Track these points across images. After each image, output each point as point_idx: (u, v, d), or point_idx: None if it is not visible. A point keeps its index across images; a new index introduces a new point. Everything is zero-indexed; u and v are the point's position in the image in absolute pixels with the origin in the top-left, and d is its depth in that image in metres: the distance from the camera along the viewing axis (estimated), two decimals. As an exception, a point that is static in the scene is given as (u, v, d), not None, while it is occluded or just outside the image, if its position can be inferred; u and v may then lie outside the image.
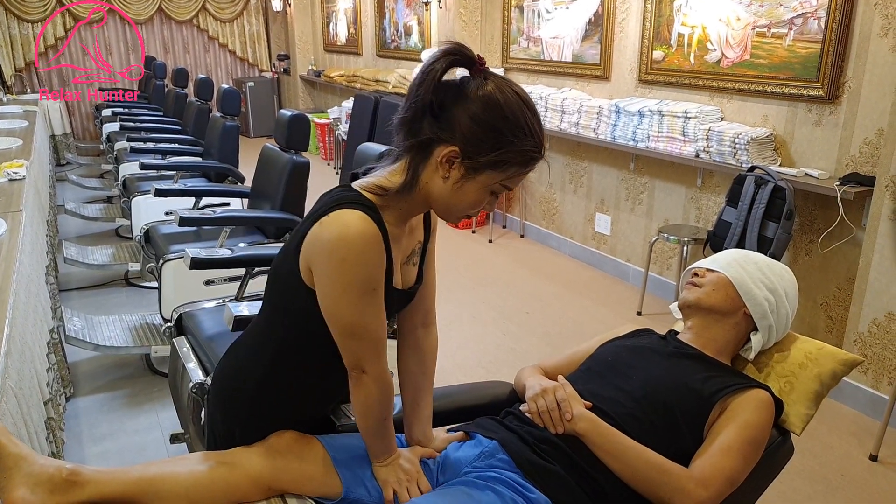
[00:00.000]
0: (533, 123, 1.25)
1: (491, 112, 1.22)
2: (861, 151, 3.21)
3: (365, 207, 1.27)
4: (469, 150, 1.23)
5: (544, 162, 1.32)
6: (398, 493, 1.40)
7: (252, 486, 1.35)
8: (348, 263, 1.24)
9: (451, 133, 1.23)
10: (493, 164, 1.24)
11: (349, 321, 1.30)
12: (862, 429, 2.99)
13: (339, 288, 1.27)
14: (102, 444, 2.82)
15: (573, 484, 1.41)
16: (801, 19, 3.37)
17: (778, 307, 1.68)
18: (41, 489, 1.21)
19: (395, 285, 1.39)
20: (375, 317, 1.31)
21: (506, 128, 1.22)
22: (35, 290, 2.56)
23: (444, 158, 1.25)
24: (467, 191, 1.27)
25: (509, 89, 1.24)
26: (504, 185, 1.29)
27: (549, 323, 4.07)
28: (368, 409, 1.38)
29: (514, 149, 1.24)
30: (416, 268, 1.48)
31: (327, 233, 1.25)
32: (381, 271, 1.29)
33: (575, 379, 1.65)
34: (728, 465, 1.42)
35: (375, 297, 1.29)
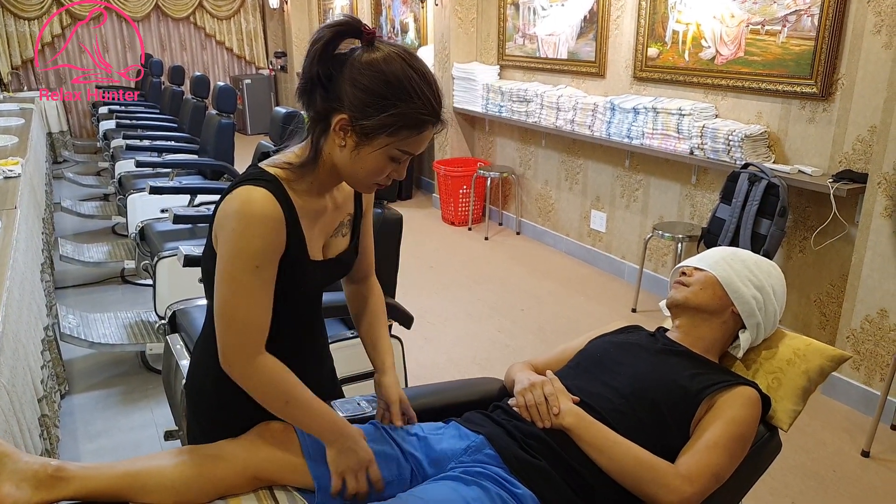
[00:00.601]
0: (420, 86, 1.25)
1: (372, 77, 1.23)
2: (854, 148, 3.22)
3: (266, 182, 1.29)
4: (356, 115, 1.24)
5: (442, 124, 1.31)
6: (347, 482, 1.38)
7: (238, 478, 1.35)
8: (237, 233, 1.26)
9: (339, 102, 1.25)
10: (382, 128, 1.25)
11: (222, 296, 1.29)
12: (854, 425, 3.00)
13: (223, 260, 1.28)
14: (97, 441, 2.83)
15: (559, 479, 1.42)
16: (794, 16, 3.37)
17: (766, 305, 1.69)
18: (26, 485, 1.22)
19: (312, 257, 1.40)
20: (250, 297, 1.29)
21: (389, 91, 1.23)
22: (29, 288, 2.57)
23: (337, 126, 1.27)
24: (365, 157, 1.28)
25: (395, 55, 1.25)
26: (402, 151, 1.29)
27: (543, 320, 4.08)
28: (263, 400, 1.35)
29: (399, 111, 1.24)
30: (346, 238, 1.51)
31: (227, 207, 1.28)
32: (270, 250, 1.29)
33: (563, 374, 1.66)
34: (714, 461, 1.42)
35: (256, 275, 1.28)
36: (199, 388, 1.52)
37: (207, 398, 1.50)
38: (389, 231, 2.41)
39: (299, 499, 1.37)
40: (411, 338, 3.67)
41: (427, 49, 6.51)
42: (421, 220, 6.21)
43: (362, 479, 1.39)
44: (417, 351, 3.64)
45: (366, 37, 1.27)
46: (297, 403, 1.36)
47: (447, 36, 5.96)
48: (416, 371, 3.37)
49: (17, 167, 3.40)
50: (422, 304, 4.27)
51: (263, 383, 1.34)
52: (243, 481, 1.36)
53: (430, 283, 4.66)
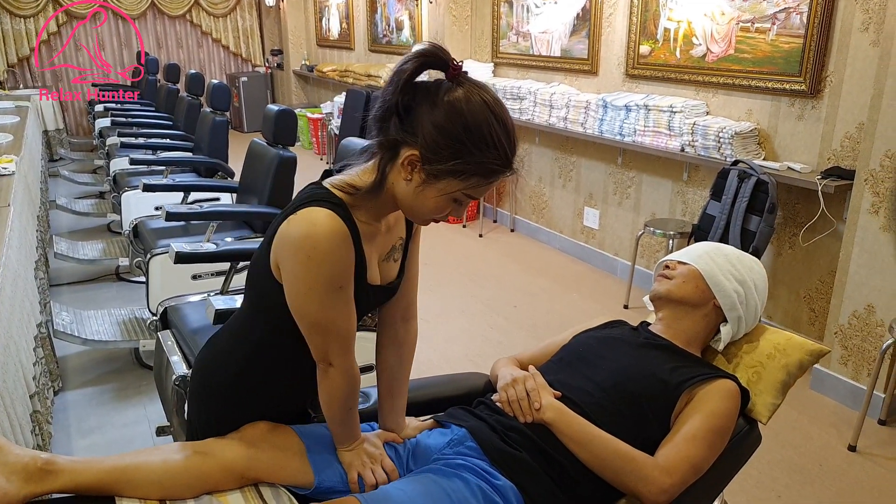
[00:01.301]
0: (499, 135, 1.23)
1: (453, 120, 1.20)
2: (842, 145, 3.24)
3: (333, 205, 1.28)
4: (429, 155, 1.22)
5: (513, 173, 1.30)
6: (363, 475, 1.42)
7: (225, 475, 1.37)
8: (314, 261, 1.25)
9: (413, 136, 1.23)
10: (453, 173, 1.23)
11: (315, 318, 1.32)
12: (842, 420, 3.03)
13: (305, 285, 1.28)
14: (90, 438, 2.85)
15: (539, 471, 1.45)
16: (783, 14, 3.39)
17: (747, 299, 1.71)
18: (16, 478, 1.24)
19: (370, 282, 1.40)
20: (342, 313, 1.33)
21: (467, 138, 1.21)
22: (23, 285, 2.59)
23: (406, 161, 1.25)
24: (428, 196, 1.27)
25: (479, 98, 1.22)
26: (466, 195, 1.28)
27: (536, 316, 4.10)
28: (334, 399, 1.40)
29: (474, 160, 1.22)
30: (397, 264, 1.50)
31: (294, 230, 1.26)
32: (348, 270, 1.30)
33: (546, 369, 1.69)
34: (692, 453, 1.45)
35: (342, 294, 1.31)
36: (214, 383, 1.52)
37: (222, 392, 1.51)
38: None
39: (285, 494, 1.39)
40: (404, 334, 3.69)
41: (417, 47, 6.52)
42: (416, 217, 6.21)
43: (378, 472, 1.45)
44: (410, 347, 3.66)
45: (451, 72, 1.24)
46: (355, 410, 1.45)
47: (441, 33, 5.98)
48: (408, 367, 3.39)
49: (12, 165, 3.41)
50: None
51: (351, 384, 1.40)
52: (230, 478, 1.38)
53: (424, 280, 4.65)
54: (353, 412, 1.45)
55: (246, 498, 1.37)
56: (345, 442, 1.46)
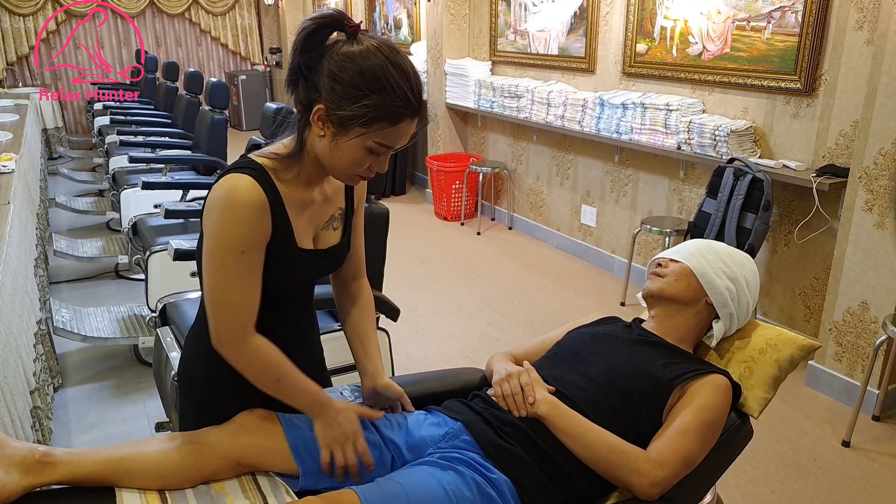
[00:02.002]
0: (395, 78, 1.26)
1: (346, 68, 1.25)
2: (837, 143, 3.26)
3: (252, 171, 1.33)
4: (332, 106, 1.27)
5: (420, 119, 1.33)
6: (335, 455, 1.42)
7: (221, 464, 1.39)
8: (221, 219, 1.30)
9: (317, 92, 1.29)
10: (356, 118, 1.27)
11: (210, 282, 1.33)
12: (836, 416, 3.05)
13: (208, 246, 1.32)
14: (90, 433, 2.87)
15: (533, 464, 1.47)
16: (779, 13, 3.41)
17: (739, 296, 1.73)
18: (14, 470, 1.25)
19: (301, 245, 1.43)
20: (238, 281, 1.33)
21: (362, 83, 1.25)
22: (22, 283, 2.61)
23: (316, 116, 1.30)
24: (343, 148, 1.31)
25: (375, 49, 1.27)
26: (379, 143, 1.31)
27: (533, 313, 4.12)
28: (254, 378, 1.40)
29: (373, 103, 1.26)
30: (337, 231, 1.55)
31: (213, 195, 1.32)
32: (253, 235, 1.32)
33: (541, 365, 1.71)
34: (684, 447, 1.46)
35: (242, 260, 1.32)
36: (191, 378, 1.56)
37: (199, 387, 1.54)
38: (376, 225, 2.45)
39: (281, 483, 1.41)
40: (402, 331, 3.72)
41: (420, 45, 6.54)
42: (414, 215, 6.24)
43: (349, 452, 1.43)
44: (407, 344, 3.69)
45: (349, 30, 1.29)
46: (287, 380, 1.42)
47: (440, 32, 5.99)
48: (405, 364, 3.41)
49: (11, 163, 3.43)
50: (413, 298, 4.31)
51: (255, 362, 1.39)
52: (226, 467, 1.40)
53: (422, 277, 4.70)
54: (285, 381, 1.42)
55: (244, 488, 1.39)
56: (309, 410, 1.45)
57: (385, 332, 2.58)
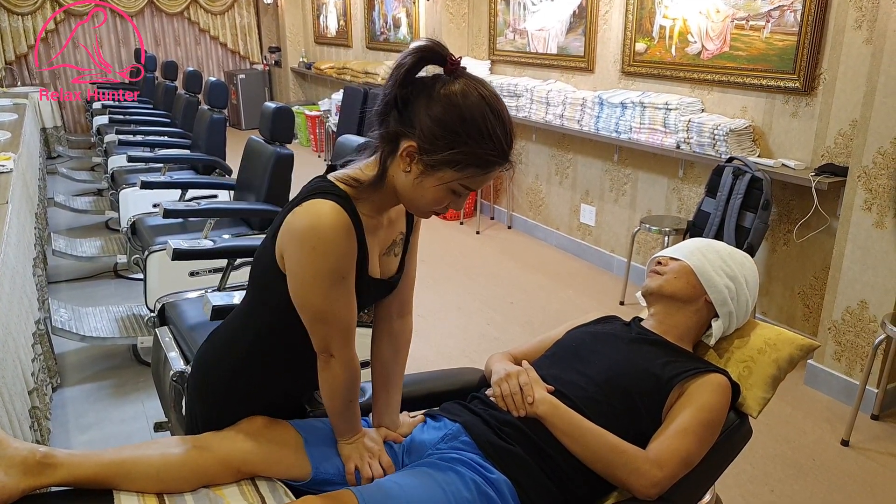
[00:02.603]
0: (494, 127, 1.26)
1: (448, 111, 1.24)
2: (836, 142, 3.26)
3: (337, 198, 1.31)
4: (426, 146, 1.26)
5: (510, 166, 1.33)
6: (360, 468, 1.45)
7: (222, 469, 1.39)
8: (318, 252, 1.28)
9: (412, 128, 1.26)
10: (449, 163, 1.26)
11: (317, 308, 1.34)
12: (835, 415, 3.05)
13: (309, 275, 1.31)
14: (89, 433, 2.87)
15: (532, 464, 1.47)
16: (777, 12, 3.41)
17: (738, 294, 1.73)
18: (15, 471, 1.25)
19: (371, 275, 1.43)
20: (344, 304, 1.35)
21: (462, 129, 1.24)
22: (21, 282, 2.60)
23: (405, 152, 1.28)
24: (426, 187, 1.30)
25: (475, 91, 1.25)
26: (464, 186, 1.30)
27: (532, 313, 4.12)
28: (335, 391, 1.43)
29: (469, 150, 1.25)
30: (397, 258, 1.53)
31: (299, 222, 1.30)
32: (350, 261, 1.33)
33: (540, 364, 1.71)
34: (683, 447, 1.46)
35: (344, 285, 1.33)
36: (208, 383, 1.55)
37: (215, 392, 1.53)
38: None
39: (279, 484, 1.41)
40: (401, 330, 3.71)
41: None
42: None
43: (375, 466, 1.47)
44: (407, 343, 3.68)
45: (449, 66, 1.27)
46: (356, 402, 1.48)
47: (439, 31, 5.99)
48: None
49: (9, 162, 3.42)
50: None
51: (351, 375, 1.43)
52: (227, 472, 1.40)
53: (421, 276, 4.65)
54: (354, 405, 1.47)
55: (243, 491, 1.39)
56: (345, 434, 1.49)
57: (384, 332, 2.58)
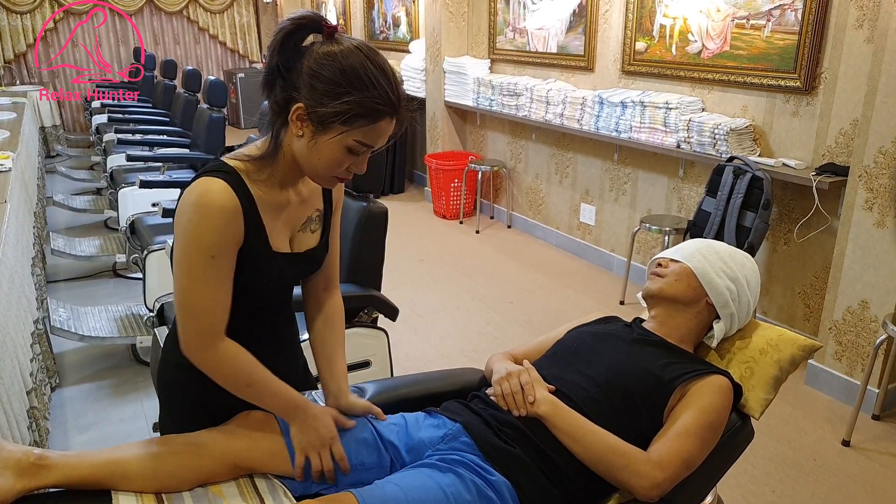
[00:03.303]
0: (375, 75, 1.27)
1: (327, 65, 1.26)
2: (837, 142, 3.25)
3: (223, 174, 1.31)
4: (311, 103, 1.27)
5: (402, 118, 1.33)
6: (311, 460, 1.41)
7: (217, 466, 1.37)
8: (191, 223, 1.28)
9: (297, 91, 1.28)
10: (337, 115, 1.26)
11: (180, 286, 1.32)
12: (836, 415, 3.04)
13: (179, 250, 1.30)
14: (87, 433, 2.86)
15: (533, 466, 1.46)
16: (778, 11, 3.40)
17: (739, 296, 1.72)
18: (9, 473, 1.24)
19: (276, 249, 1.41)
20: (206, 285, 1.32)
21: (343, 79, 1.25)
22: (19, 282, 2.59)
23: (294, 115, 1.29)
24: (322, 147, 1.30)
25: (354, 48, 1.27)
26: (359, 142, 1.30)
27: (532, 312, 4.11)
28: (224, 382, 1.39)
29: (353, 100, 1.25)
30: (315, 234, 1.52)
31: (183, 199, 1.30)
32: (223, 239, 1.31)
33: (541, 364, 1.70)
34: (685, 448, 1.45)
35: (211, 265, 1.30)
36: (170, 381, 1.54)
37: (180, 390, 1.52)
38: (375, 224, 2.43)
39: (279, 485, 1.40)
40: (400, 331, 3.70)
41: (418, 43, 6.52)
42: (413, 213, 6.23)
43: (326, 457, 1.42)
44: (406, 343, 3.68)
45: (326, 31, 1.29)
46: (259, 384, 1.40)
47: (438, 30, 5.98)
48: (404, 364, 3.40)
49: (8, 161, 3.41)
50: (412, 297, 4.30)
51: (225, 367, 1.37)
52: (223, 469, 1.39)
53: (420, 276, 4.69)
54: (256, 385, 1.40)
55: (241, 492, 1.38)
56: (285, 414, 1.44)
57: (384, 332, 2.57)
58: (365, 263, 2.45)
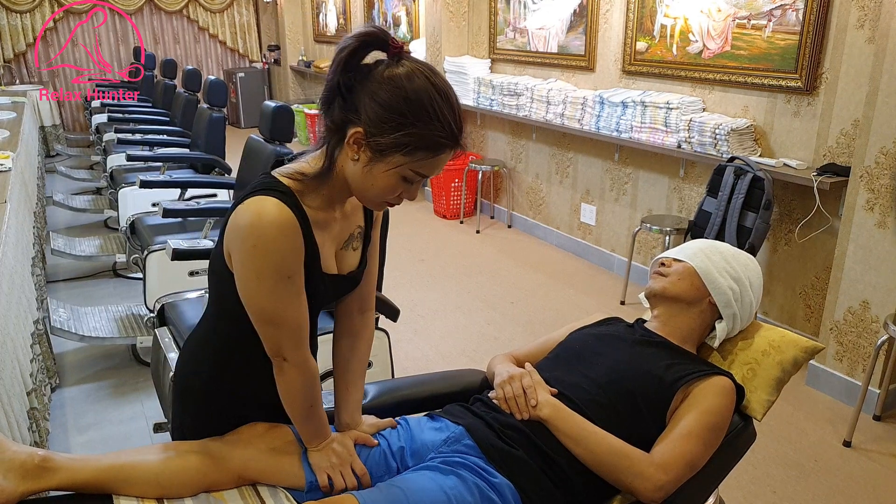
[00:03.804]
0: (441, 107, 1.23)
1: (392, 93, 1.21)
2: (838, 142, 3.25)
3: (279, 193, 1.28)
4: (372, 130, 1.23)
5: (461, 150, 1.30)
6: (333, 478, 1.41)
7: (222, 475, 1.37)
8: (259, 250, 1.25)
9: (356, 114, 1.24)
10: (398, 147, 1.23)
11: (264, 308, 1.31)
12: (837, 415, 3.04)
13: (253, 275, 1.28)
14: (87, 434, 2.86)
15: (536, 468, 1.45)
16: (779, 11, 3.40)
17: (742, 296, 1.72)
18: (13, 475, 1.24)
19: (325, 270, 1.40)
20: (292, 304, 1.32)
21: (408, 110, 1.21)
22: (19, 282, 2.59)
23: (352, 139, 1.25)
24: (377, 174, 1.27)
25: (420, 73, 1.23)
26: (415, 172, 1.27)
27: (532, 312, 4.11)
28: (293, 396, 1.39)
29: (417, 132, 1.22)
30: (357, 252, 1.49)
31: (241, 220, 1.27)
32: (295, 259, 1.30)
33: (543, 366, 1.70)
34: (688, 450, 1.45)
35: (291, 284, 1.30)
36: (188, 387, 1.52)
37: (196, 397, 1.51)
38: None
39: (282, 492, 1.40)
40: (400, 331, 3.70)
41: (419, 42, 6.52)
42: (413, 213, 6.23)
43: (349, 474, 1.42)
44: (406, 343, 3.67)
45: (392, 50, 1.24)
46: (317, 406, 1.43)
47: (438, 29, 5.97)
48: (404, 364, 3.40)
49: (8, 161, 3.41)
50: (412, 296, 4.30)
51: (307, 379, 1.39)
52: (227, 478, 1.39)
53: (420, 276, 4.69)
54: (316, 409, 1.42)
55: (244, 497, 1.38)
56: (313, 441, 1.44)
57: (385, 333, 2.57)
58: (366, 264, 2.44)
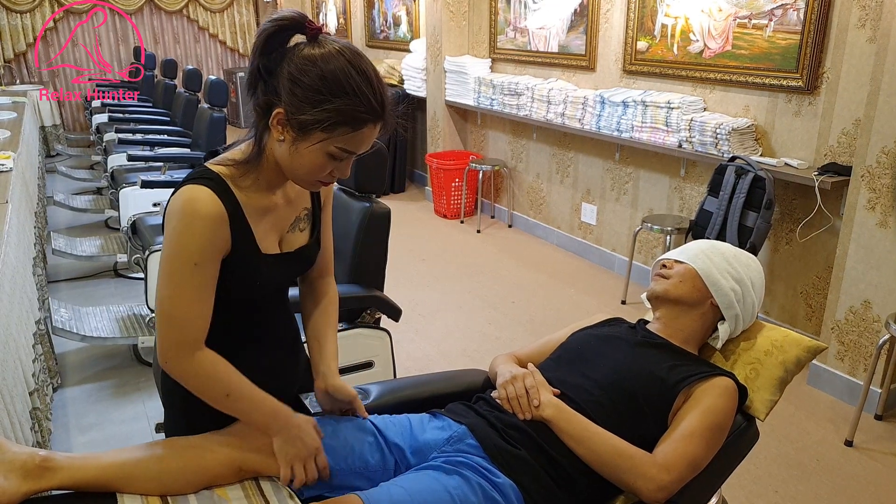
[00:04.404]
0: (359, 83, 1.24)
1: (307, 71, 1.23)
2: (839, 142, 3.25)
3: (207, 181, 1.29)
4: (292, 110, 1.25)
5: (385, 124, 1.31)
6: (295, 471, 1.39)
7: (223, 469, 1.37)
8: (175, 233, 1.27)
9: (277, 95, 1.26)
10: (317, 124, 1.24)
11: (161, 295, 1.30)
12: (838, 415, 3.04)
13: (165, 258, 1.29)
14: (89, 434, 2.86)
15: (539, 469, 1.45)
16: (780, 10, 3.40)
17: (744, 297, 1.72)
18: (14, 475, 1.24)
19: (264, 251, 1.40)
20: (188, 296, 1.30)
21: (323, 86, 1.23)
22: (21, 282, 2.59)
23: (275, 120, 1.27)
24: (302, 153, 1.28)
25: (336, 52, 1.24)
26: (340, 148, 1.28)
27: (533, 312, 4.11)
28: (201, 394, 1.37)
29: (334, 108, 1.23)
30: (304, 233, 1.52)
31: (168, 209, 1.30)
32: (210, 246, 1.29)
33: (545, 367, 1.70)
34: (690, 450, 1.45)
35: (195, 273, 1.29)
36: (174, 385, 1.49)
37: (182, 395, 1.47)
38: (377, 224, 2.43)
39: (285, 489, 1.40)
40: (402, 330, 3.70)
41: (419, 42, 6.52)
42: (414, 213, 6.23)
43: (311, 468, 1.40)
44: (408, 343, 3.67)
45: (310, 32, 1.27)
46: (238, 395, 1.37)
47: (439, 29, 5.97)
48: (406, 363, 3.40)
49: (9, 161, 3.41)
50: (413, 296, 4.30)
51: (202, 377, 1.35)
52: (228, 472, 1.38)
53: (421, 275, 4.69)
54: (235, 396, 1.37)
55: (246, 493, 1.37)
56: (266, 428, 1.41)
57: (386, 332, 2.57)
58: (367, 264, 2.44)
